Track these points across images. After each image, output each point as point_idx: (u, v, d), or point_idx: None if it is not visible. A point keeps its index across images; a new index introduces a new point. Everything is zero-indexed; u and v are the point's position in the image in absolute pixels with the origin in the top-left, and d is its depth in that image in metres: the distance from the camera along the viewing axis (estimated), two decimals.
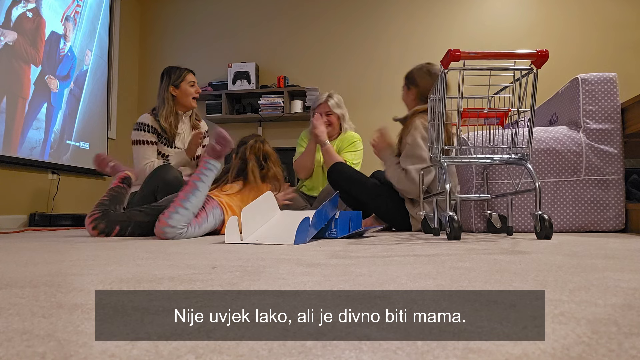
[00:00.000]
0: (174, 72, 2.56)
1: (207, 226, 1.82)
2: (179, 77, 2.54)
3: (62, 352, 0.33)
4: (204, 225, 1.79)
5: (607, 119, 2.05)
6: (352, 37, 4.67)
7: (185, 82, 2.55)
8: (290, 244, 1.39)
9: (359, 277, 0.69)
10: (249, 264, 0.86)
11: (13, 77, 3.23)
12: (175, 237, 1.67)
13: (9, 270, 0.79)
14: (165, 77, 2.56)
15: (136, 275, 0.72)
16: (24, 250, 1.24)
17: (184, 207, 1.70)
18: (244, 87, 4.57)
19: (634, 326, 0.39)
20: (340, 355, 0.32)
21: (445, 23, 4.51)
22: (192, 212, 1.73)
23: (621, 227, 2.01)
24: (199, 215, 1.78)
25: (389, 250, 1.15)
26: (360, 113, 4.56)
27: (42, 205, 3.51)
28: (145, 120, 2.50)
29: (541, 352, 0.32)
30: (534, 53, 1.51)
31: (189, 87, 2.56)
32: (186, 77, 2.56)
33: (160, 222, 1.66)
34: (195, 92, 2.58)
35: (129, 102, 4.89)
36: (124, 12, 4.78)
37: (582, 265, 0.81)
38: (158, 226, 1.67)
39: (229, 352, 0.33)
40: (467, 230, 2.14)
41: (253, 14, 4.87)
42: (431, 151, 1.74)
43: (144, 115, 2.55)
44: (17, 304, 0.50)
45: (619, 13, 4.25)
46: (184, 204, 1.70)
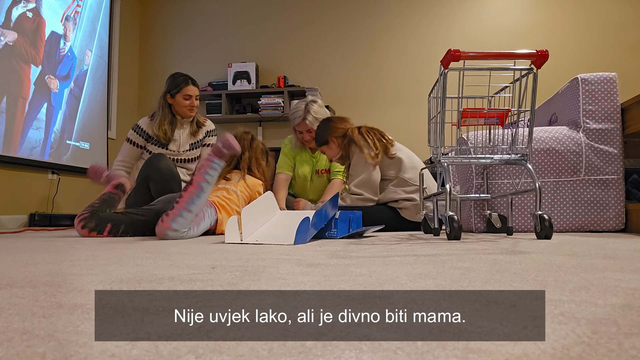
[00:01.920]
0: (173, 81, 2.53)
1: (204, 226, 1.82)
2: (175, 87, 2.50)
3: (62, 352, 0.33)
4: (202, 225, 1.80)
5: (607, 119, 2.05)
6: (352, 37, 4.67)
7: (181, 94, 2.50)
8: (290, 244, 1.39)
9: (359, 277, 0.69)
10: (249, 264, 0.86)
11: (13, 77, 3.23)
12: (175, 239, 1.67)
13: (9, 270, 0.79)
14: (166, 83, 2.55)
15: (136, 275, 0.72)
16: (24, 250, 1.24)
17: (188, 210, 1.68)
18: (244, 87, 4.57)
19: (634, 326, 0.39)
20: (340, 355, 0.32)
21: (445, 23, 4.51)
22: (195, 214, 1.72)
23: (621, 227, 2.01)
24: (197, 216, 1.78)
25: (389, 250, 1.15)
26: (360, 113, 4.56)
27: (42, 205, 3.51)
28: (141, 124, 2.55)
29: (541, 352, 0.32)
30: (534, 53, 1.51)
31: (183, 100, 2.50)
32: (183, 90, 2.49)
33: (163, 223, 1.64)
34: (190, 105, 2.52)
35: (129, 102, 4.89)
36: (124, 12, 4.78)
37: (582, 265, 0.81)
38: (161, 227, 1.65)
39: (229, 352, 0.33)
40: (467, 230, 2.14)
41: (253, 13, 4.87)
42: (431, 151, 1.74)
43: (143, 118, 2.58)
44: (17, 304, 0.50)
45: (619, 13, 4.25)
46: (189, 206, 1.68)
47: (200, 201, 1.71)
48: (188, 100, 2.51)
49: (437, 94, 1.64)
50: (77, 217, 1.86)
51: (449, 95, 1.62)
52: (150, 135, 2.51)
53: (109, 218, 1.85)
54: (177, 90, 2.50)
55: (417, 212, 2.20)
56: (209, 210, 1.86)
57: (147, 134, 2.52)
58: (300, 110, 2.64)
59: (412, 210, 2.21)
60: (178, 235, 1.67)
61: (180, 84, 2.51)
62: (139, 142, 2.53)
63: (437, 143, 1.66)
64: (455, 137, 1.89)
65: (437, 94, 1.65)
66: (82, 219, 1.85)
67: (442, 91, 1.57)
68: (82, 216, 1.86)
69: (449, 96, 1.62)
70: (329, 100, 4.63)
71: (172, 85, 2.51)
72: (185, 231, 1.69)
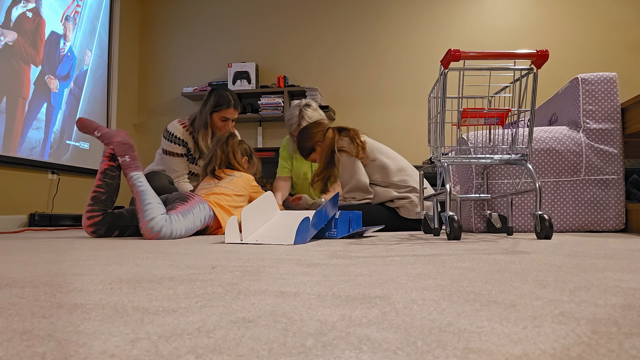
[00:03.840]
0: (215, 99, 2.50)
1: (193, 218, 1.80)
2: (216, 106, 2.48)
3: (62, 352, 0.33)
4: (189, 216, 1.78)
5: (607, 119, 2.05)
6: (352, 37, 4.67)
7: (218, 115, 2.49)
8: (290, 244, 1.39)
9: (359, 277, 0.69)
10: (249, 264, 0.86)
11: (13, 77, 3.23)
12: (163, 228, 1.67)
13: (9, 270, 0.79)
14: (211, 98, 2.51)
15: (136, 275, 0.72)
16: (24, 250, 1.24)
17: (145, 204, 1.71)
18: (244, 87, 4.57)
19: (634, 326, 0.39)
20: (340, 355, 0.32)
21: (445, 23, 4.51)
22: (157, 203, 1.74)
23: (621, 227, 2.01)
24: (179, 207, 1.78)
25: (389, 250, 1.15)
26: (360, 113, 4.56)
27: (42, 205, 3.51)
28: (176, 132, 2.49)
29: (541, 352, 0.32)
30: (534, 53, 1.51)
31: (219, 121, 2.51)
32: (222, 111, 2.49)
33: (142, 226, 1.68)
34: (224, 128, 2.52)
35: (129, 102, 4.89)
36: (124, 12, 4.78)
37: (582, 265, 0.81)
38: (143, 229, 1.67)
39: (229, 352, 0.33)
40: (467, 230, 2.14)
41: (253, 13, 4.87)
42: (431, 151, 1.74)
43: (174, 125, 2.52)
44: (17, 304, 0.50)
45: (619, 13, 4.25)
46: (143, 203, 1.72)
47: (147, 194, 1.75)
48: (224, 122, 2.52)
49: (437, 94, 1.64)
50: (87, 218, 1.82)
51: (449, 95, 1.62)
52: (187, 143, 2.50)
53: (117, 225, 1.85)
54: (217, 110, 2.49)
55: (413, 210, 2.20)
56: (200, 205, 1.86)
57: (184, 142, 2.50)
58: (294, 116, 2.63)
59: (408, 208, 2.21)
60: (161, 222, 1.67)
61: (222, 105, 2.49)
62: (182, 152, 2.51)
63: (437, 143, 1.66)
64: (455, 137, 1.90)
65: (437, 94, 1.65)
66: (93, 223, 1.82)
67: (442, 91, 1.58)
68: (93, 219, 1.82)
69: (449, 96, 1.62)
70: (329, 100, 4.63)
71: (213, 104, 2.49)
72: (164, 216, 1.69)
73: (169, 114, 4.90)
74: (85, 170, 3.94)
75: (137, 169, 1.86)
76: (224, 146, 2.22)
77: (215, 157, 2.19)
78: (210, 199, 1.96)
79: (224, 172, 2.15)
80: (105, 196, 1.86)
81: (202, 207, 1.86)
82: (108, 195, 1.87)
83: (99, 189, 1.86)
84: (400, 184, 2.23)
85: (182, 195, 1.90)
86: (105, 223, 1.83)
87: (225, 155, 2.20)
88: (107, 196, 1.87)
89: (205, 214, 1.87)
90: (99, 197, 1.85)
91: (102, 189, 1.86)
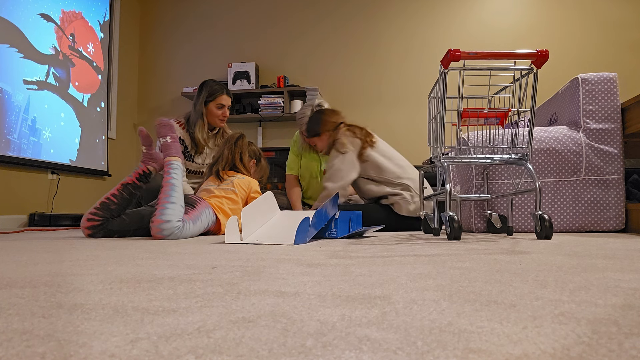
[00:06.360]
0: (208, 89, 2.50)
1: (201, 225, 1.82)
2: (210, 96, 2.48)
3: (62, 352, 0.33)
4: (198, 223, 1.79)
5: (607, 119, 2.05)
6: (352, 37, 4.67)
7: (214, 102, 2.49)
8: (290, 244, 1.39)
9: (359, 277, 0.69)
10: (249, 264, 0.86)
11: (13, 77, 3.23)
12: (172, 234, 1.67)
13: (9, 270, 0.79)
14: (202, 90, 2.51)
15: (136, 275, 0.72)
16: (24, 250, 1.24)
17: (169, 202, 1.69)
18: (244, 87, 4.57)
19: (634, 326, 0.39)
20: (340, 355, 0.32)
21: (445, 23, 4.51)
22: (180, 205, 1.72)
23: (621, 227, 2.01)
24: (191, 212, 1.78)
25: (389, 250, 1.15)
26: (360, 113, 4.56)
27: (42, 205, 3.51)
28: None
29: (541, 352, 0.32)
30: (534, 53, 1.51)
31: (216, 109, 2.50)
32: (217, 99, 2.49)
33: (154, 222, 1.65)
34: (222, 115, 2.51)
35: (129, 102, 4.89)
36: (124, 12, 4.78)
37: (582, 265, 0.81)
38: (154, 227, 1.65)
39: (229, 352, 0.33)
40: (467, 230, 2.14)
41: (253, 14, 4.87)
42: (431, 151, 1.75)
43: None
44: (17, 304, 0.50)
45: (619, 13, 4.25)
46: (169, 199, 1.70)
47: (177, 193, 1.73)
48: (221, 110, 2.51)
49: (437, 94, 1.64)
50: (87, 220, 1.78)
51: (449, 95, 1.62)
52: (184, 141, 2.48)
53: (117, 230, 1.82)
54: (212, 99, 2.48)
55: (406, 206, 2.21)
56: (206, 210, 1.86)
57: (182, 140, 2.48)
58: (306, 116, 2.63)
59: (402, 205, 2.22)
60: (173, 228, 1.66)
61: (216, 92, 2.49)
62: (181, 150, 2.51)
63: (437, 143, 1.66)
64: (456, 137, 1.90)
65: (437, 94, 1.65)
66: (92, 226, 1.78)
67: (442, 91, 1.58)
68: (92, 222, 1.78)
69: (449, 96, 1.62)
70: (329, 100, 4.63)
71: (206, 93, 2.48)
72: (179, 222, 1.68)
73: (169, 114, 4.90)
74: (85, 170, 3.94)
75: (177, 154, 1.83)
76: (232, 147, 2.19)
77: (222, 157, 2.17)
78: (212, 202, 1.95)
79: (227, 174, 2.13)
80: (115, 207, 1.83)
81: (208, 212, 1.87)
82: (118, 207, 1.84)
83: (113, 198, 1.83)
84: (395, 180, 2.24)
85: (190, 199, 1.87)
86: (103, 229, 1.81)
87: (232, 156, 2.17)
88: (117, 207, 1.84)
89: (210, 219, 1.89)
90: (108, 205, 1.82)
91: (116, 199, 1.84)
